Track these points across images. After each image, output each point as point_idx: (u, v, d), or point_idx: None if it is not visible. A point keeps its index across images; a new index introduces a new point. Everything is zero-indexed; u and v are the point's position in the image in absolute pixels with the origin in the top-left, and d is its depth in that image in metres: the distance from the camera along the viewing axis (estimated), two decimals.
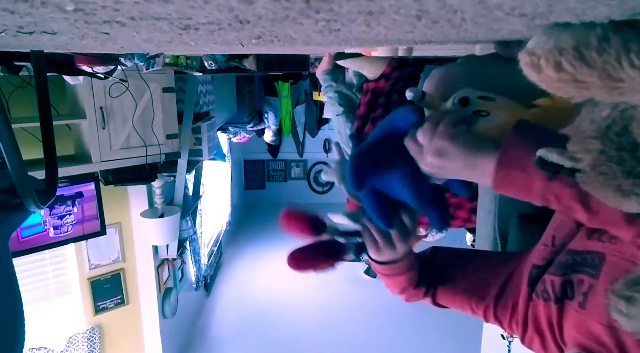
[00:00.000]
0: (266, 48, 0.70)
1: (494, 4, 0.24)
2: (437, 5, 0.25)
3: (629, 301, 0.38)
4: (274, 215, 3.06)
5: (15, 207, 0.68)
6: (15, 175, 0.62)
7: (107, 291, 2.88)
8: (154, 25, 0.33)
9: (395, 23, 0.32)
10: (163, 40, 0.47)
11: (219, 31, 0.38)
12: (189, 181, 3.40)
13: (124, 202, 2.87)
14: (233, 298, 4.56)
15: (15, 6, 0.26)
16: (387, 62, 1.56)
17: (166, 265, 3.23)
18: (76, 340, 2.77)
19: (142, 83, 2.31)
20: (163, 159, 2.52)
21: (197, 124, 2.92)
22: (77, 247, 2.68)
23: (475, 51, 0.87)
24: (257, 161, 7.19)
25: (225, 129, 4.43)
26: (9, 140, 0.60)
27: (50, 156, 0.72)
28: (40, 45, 0.58)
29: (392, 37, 0.44)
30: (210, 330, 4.07)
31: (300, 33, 0.39)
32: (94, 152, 2.21)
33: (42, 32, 0.38)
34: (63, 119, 2.18)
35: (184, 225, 3.23)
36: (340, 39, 0.46)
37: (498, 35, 0.42)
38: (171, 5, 0.25)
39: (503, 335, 2.23)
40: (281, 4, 0.25)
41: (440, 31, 0.37)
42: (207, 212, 4.24)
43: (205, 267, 4.09)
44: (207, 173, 4.17)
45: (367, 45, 0.78)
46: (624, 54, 0.28)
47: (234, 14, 0.28)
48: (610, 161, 0.40)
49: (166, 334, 3.28)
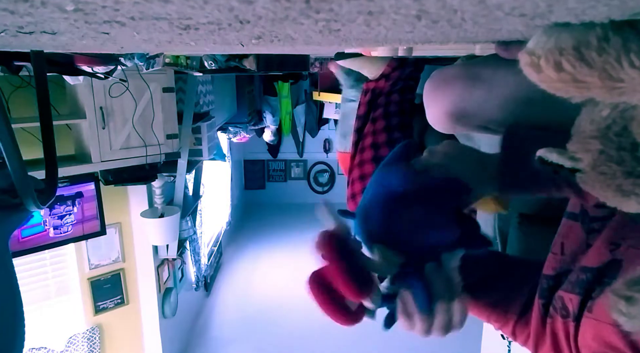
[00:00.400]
0: (266, 48, 0.70)
1: (494, 4, 0.24)
2: (437, 5, 0.25)
3: (629, 302, 0.37)
4: (274, 215, 3.11)
5: (15, 207, 0.68)
6: (15, 175, 0.62)
7: (107, 291, 2.88)
8: (154, 25, 0.33)
9: (395, 23, 0.32)
10: (163, 40, 0.47)
11: (219, 31, 0.38)
12: (189, 181, 3.40)
13: (124, 202, 2.87)
14: (233, 298, 4.56)
15: (15, 6, 0.26)
16: (387, 62, 1.56)
17: (166, 265, 3.23)
18: (76, 340, 2.78)
19: (142, 83, 2.31)
20: (163, 159, 2.52)
21: (197, 124, 2.92)
22: (77, 247, 2.69)
23: (475, 51, 0.87)
24: (257, 161, 7.19)
25: (225, 129, 4.43)
26: (9, 140, 0.60)
27: (50, 156, 0.72)
28: (40, 45, 0.58)
29: (392, 37, 0.44)
30: (210, 330, 4.07)
31: (300, 33, 0.39)
32: (94, 152, 2.21)
33: (42, 32, 0.38)
34: (63, 119, 2.18)
35: (184, 225, 3.23)
36: (340, 39, 0.46)
37: (498, 35, 0.42)
38: (171, 5, 0.25)
39: (503, 335, 2.23)
40: (281, 4, 0.25)
41: (440, 31, 0.37)
42: (207, 212, 4.24)
43: (205, 267, 4.09)
44: (207, 173, 4.17)
45: (367, 45, 0.78)
46: (624, 54, 0.28)
47: (234, 14, 0.28)
48: (610, 161, 0.40)
49: (166, 334, 3.28)
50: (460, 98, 0.66)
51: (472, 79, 0.68)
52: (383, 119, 1.47)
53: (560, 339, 0.59)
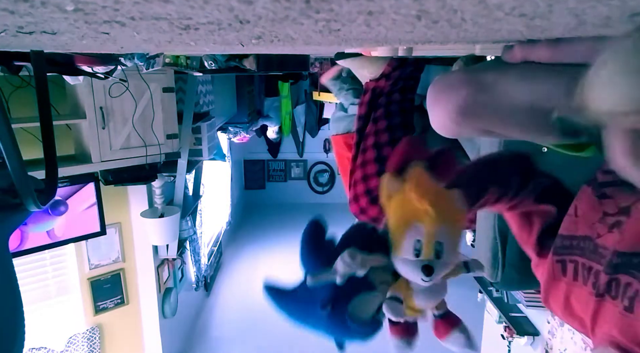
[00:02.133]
0: (266, 48, 0.70)
1: (494, 4, 0.24)
2: (437, 5, 0.25)
3: None
4: (274, 215, 3.10)
5: (15, 207, 0.68)
6: (15, 175, 0.62)
7: (107, 291, 2.88)
8: (154, 25, 0.33)
9: (395, 23, 0.32)
10: (163, 40, 0.47)
11: (219, 31, 0.38)
12: (189, 181, 3.40)
13: (124, 202, 2.87)
14: (233, 298, 4.56)
15: (15, 6, 0.26)
16: (387, 61, 1.56)
17: (166, 265, 3.23)
18: (76, 340, 2.78)
19: (142, 83, 2.31)
20: (163, 159, 2.52)
21: (197, 124, 2.92)
22: (77, 247, 2.69)
23: (475, 51, 0.87)
24: (257, 161, 7.19)
25: (225, 129, 4.43)
26: (9, 140, 0.60)
27: (50, 156, 0.72)
28: (40, 45, 0.58)
29: (392, 37, 0.44)
30: (210, 330, 4.07)
31: (300, 33, 0.39)
32: (94, 152, 2.21)
33: (42, 32, 0.38)
34: (63, 119, 2.18)
35: (184, 225, 3.23)
36: (340, 39, 0.46)
37: (498, 35, 0.42)
38: (171, 5, 0.25)
39: (503, 335, 2.23)
40: (281, 4, 0.25)
41: (440, 31, 0.37)
42: (207, 212, 4.24)
43: (205, 267, 4.09)
44: (207, 173, 4.17)
45: (367, 45, 0.78)
46: None
47: (234, 14, 0.28)
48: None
49: (166, 334, 3.28)
50: (464, 103, 0.66)
51: (476, 84, 0.68)
52: (385, 119, 1.46)
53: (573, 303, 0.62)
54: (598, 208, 0.63)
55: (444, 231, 0.63)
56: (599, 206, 0.63)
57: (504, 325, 2.21)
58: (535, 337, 2.08)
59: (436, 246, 0.63)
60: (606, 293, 0.57)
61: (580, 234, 0.64)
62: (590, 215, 0.64)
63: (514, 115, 0.66)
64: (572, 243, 0.65)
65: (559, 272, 0.66)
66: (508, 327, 2.16)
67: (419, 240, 0.63)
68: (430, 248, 0.63)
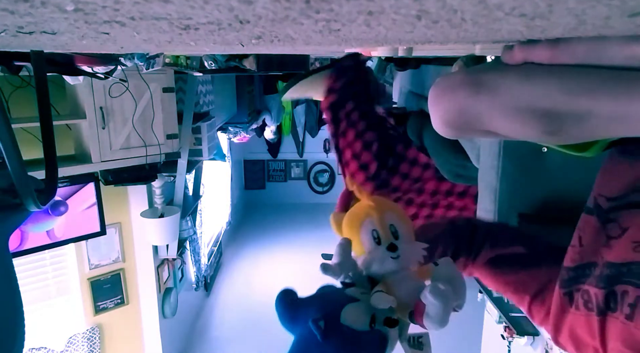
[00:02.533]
0: (266, 48, 0.70)
1: (494, 4, 0.24)
2: (437, 5, 0.25)
3: None
4: (274, 215, 3.12)
5: (15, 207, 0.68)
6: (15, 175, 0.62)
7: (107, 291, 2.88)
8: (154, 25, 0.33)
9: (395, 23, 0.32)
10: (163, 40, 0.47)
11: (219, 31, 0.38)
12: (189, 181, 3.40)
13: (124, 202, 2.87)
14: (233, 298, 4.56)
15: (15, 6, 0.26)
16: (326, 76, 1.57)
17: (166, 265, 3.23)
18: (76, 340, 2.78)
19: (142, 83, 2.31)
20: (163, 159, 2.52)
21: (197, 124, 2.92)
22: (77, 247, 2.69)
23: (475, 51, 0.87)
24: (257, 161, 7.20)
25: (225, 129, 4.43)
26: (9, 140, 0.60)
27: (50, 156, 0.72)
28: (40, 45, 0.58)
29: (392, 37, 0.44)
30: (210, 330, 4.07)
31: (300, 33, 0.39)
32: (94, 152, 2.21)
33: (42, 32, 0.39)
34: (63, 119, 2.18)
35: (184, 225, 3.23)
36: (340, 39, 0.46)
37: (498, 35, 0.42)
38: (171, 5, 0.25)
39: (503, 335, 2.23)
40: (281, 4, 0.25)
41: (440, 31, 0.37)
42: (207, 212, 4.24)
43: (205, 267, 4.09)
44: (207, 173, 4.17)
45: (367, 45, 0.78)
46: None
47: (234, 14, 0.28)
48: None
49: (166, 334, 3.28)
50: (465, 105, 0.66)
51: (476, 86, 0.68)
52: (350, 129, 1.50)
53: (579, 332, 0.61)
54: (602, 233, 0.62)
55: (391, 216, 0.76)
56: (602, 232, 0.62)
57: (504, 325, 2.22)
58: (535, 337, 2.09)
59: (390, 228, 0.74)
60: (606, 308, 0.56)
61: (585, 262, 0.64)
62: (595, 242, 0.63)
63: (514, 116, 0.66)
64: (578, 273, 0.64)
65: (566, 304, 0.65)
66: (508, 327, 2.17)
67: (374, 230, 0.74)
68: (386, 230, 0.74)
